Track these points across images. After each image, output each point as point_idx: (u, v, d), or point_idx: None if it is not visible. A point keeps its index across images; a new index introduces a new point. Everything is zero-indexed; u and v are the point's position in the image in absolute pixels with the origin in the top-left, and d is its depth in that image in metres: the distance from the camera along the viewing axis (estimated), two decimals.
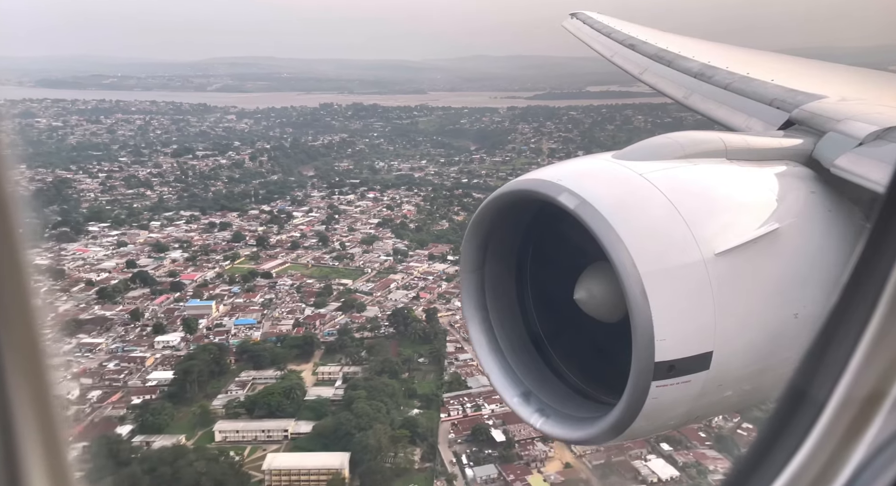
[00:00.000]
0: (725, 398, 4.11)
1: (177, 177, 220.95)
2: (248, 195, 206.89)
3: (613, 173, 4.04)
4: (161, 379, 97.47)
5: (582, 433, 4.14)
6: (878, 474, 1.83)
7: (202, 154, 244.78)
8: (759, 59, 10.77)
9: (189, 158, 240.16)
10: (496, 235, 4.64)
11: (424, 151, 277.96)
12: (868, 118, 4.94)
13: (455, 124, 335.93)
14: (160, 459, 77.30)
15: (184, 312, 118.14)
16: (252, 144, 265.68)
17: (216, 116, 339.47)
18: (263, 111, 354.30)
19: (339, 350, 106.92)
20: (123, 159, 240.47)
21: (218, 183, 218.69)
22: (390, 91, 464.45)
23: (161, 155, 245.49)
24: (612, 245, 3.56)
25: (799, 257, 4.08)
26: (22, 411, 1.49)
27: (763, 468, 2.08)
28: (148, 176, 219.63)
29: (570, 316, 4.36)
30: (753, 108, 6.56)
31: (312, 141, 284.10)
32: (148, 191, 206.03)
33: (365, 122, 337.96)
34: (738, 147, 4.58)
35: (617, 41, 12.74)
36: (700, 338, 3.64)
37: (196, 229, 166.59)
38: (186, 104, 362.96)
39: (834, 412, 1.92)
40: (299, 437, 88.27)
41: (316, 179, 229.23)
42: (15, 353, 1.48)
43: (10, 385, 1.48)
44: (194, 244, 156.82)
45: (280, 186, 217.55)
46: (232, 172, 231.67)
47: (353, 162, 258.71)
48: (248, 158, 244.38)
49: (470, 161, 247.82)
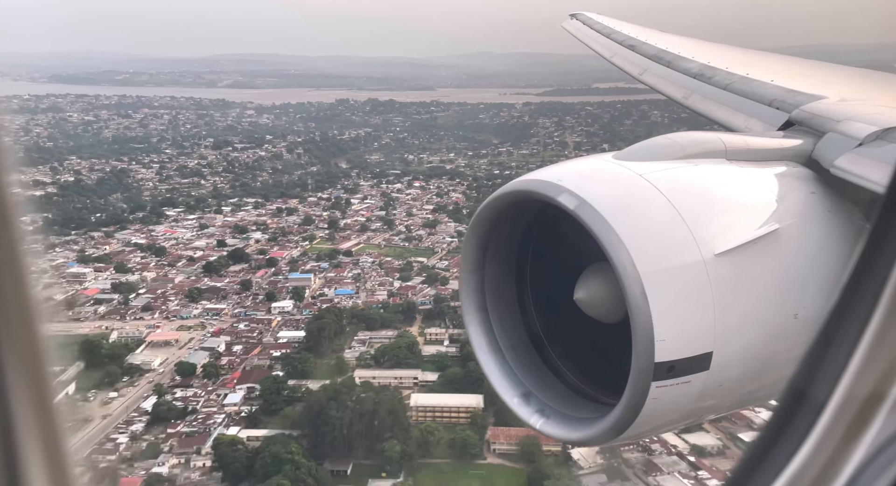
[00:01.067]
0: (725, 399, 4.04)
1: (224, 167, 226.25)
2: (298, 184, 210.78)
3: (613, 174, 3.97)
4: (290, 337, 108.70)
5: (582, 434, 4.07)
6: (879, 474, 1.81)
7: (241, 146, 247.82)
8: (759, 60, 10.74)
9: (229, 151, 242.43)
10: (496, 236, 4.53)
11: (449, 144, 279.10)
12: (868, 119, 4.82)
13: (474, 119, 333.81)
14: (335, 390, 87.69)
15: (286, 283, 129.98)
16: (283, 138, 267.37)
17: (236, 112, 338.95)
18: (281, 107, 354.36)
19: (437, 316, 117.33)
20: (168, 152, 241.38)
21: (263, 173, 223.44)
22: (399, 88, 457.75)
23: (202, 147, 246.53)
24: (612, 246, 3.49)
25: (799, 258, 4.01)
26: (22, 411, 1.47)
27: (763, 469, 2.06)
28: (197, 166, 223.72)
29: (570, 317, 4.24)
30: (753, 108, 6.52)
31: (339, 135, 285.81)
32: (202, 180, 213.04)
33: (384, 117, 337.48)
34: (738, 148, 4.48)
35: (617, 42, 12.75)
36: (700, 338, 3.57)
37: (266, 214, 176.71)
38: (206, 100, 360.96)
39: (834, 413, 1.90)
40: (427, 384, 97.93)
41: (358, 169, 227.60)
42: (15, 353, 1.46)
43: (10, 385, 1.46)
44: (270, 227, 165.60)
45: (328, 176, 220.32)
46: (274, 164, 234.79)
47: (383, 155, 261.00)
48: (286, 150, 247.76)
49: (497, 154, 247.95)
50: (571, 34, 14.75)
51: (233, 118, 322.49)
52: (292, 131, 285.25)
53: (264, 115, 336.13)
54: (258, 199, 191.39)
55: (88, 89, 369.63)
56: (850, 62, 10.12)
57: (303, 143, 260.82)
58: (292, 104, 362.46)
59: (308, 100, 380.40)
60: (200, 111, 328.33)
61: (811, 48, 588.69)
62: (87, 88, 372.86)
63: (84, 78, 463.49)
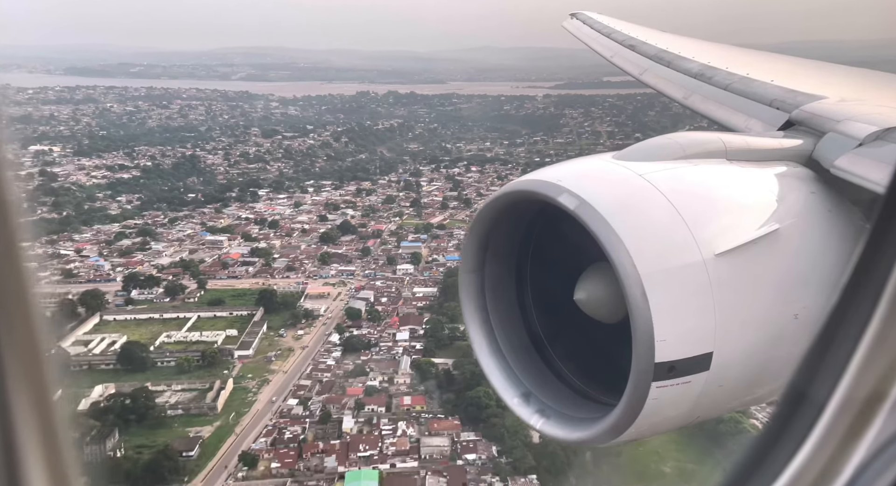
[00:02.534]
0: (726, 399, 3.90)
1: (283, 154, 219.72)
2: (359, 168, 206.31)
3: (613, 174, 3.86)
4: (424, 292, 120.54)
5: (582, 434, 3.94)
6: (879, 474, 1.82)
7: (290, 135, 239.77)
8: (759, 60, 10.87)
9: (279, 139, 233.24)
10: (496, 236, 4.37)
11: (479, 134, 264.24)
12: (868, 119, 4.57)
13: (498, 111, 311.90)
14: None
15: (398, 251, 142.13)
16: (323, 127, 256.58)
17: (262, 103, 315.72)
18: (303, 99, 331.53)
19: None
20: (222, 140, 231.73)
21: (318, 160, 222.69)
22: (410, 81, 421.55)
23: (252, 136, 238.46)
24: (612, 246, 3.41)
25: (799, 258, 3.90)
26: (22, 411, 1.47)
27: (764, 469, 2.06)
28: (258, 153, 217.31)
29: (570, 317, 4.07)
30: (753, 108, 6.41)
31: (373, 125, 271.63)
32: (266, 165, 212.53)
33: (409, 108, 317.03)
34: (738, 148, 4.33)
35: (617, 42, 12.88)
36: (700, 339, 3.48)
37: (347, 194, 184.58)
38: (231, 92, 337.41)
39: (834, 413, 1.90)
40: None
41: (408, 156, 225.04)
42: (15, 353, 1.46)
43: (11, 385, 1.46)
44: (358, 204, 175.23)
45: (382, 162, 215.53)
46: (326, 151, 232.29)
47: (420, 144, 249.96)
48: (332, 138, 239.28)
49: (533, 142, 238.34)
50: (571, 34, 14.85)
51: (262, 109, 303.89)
52: (329, 122, 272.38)
53: (290, 106, 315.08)
54: (333, 181, 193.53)
55: (107, 81, 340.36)
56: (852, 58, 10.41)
57: (343, 132, 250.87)
58: (313, 96, 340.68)
59: (325, 92, 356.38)
60: (230, 103, 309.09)
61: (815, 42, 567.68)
62: (103, 80, 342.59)
63: (99, 71, 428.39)
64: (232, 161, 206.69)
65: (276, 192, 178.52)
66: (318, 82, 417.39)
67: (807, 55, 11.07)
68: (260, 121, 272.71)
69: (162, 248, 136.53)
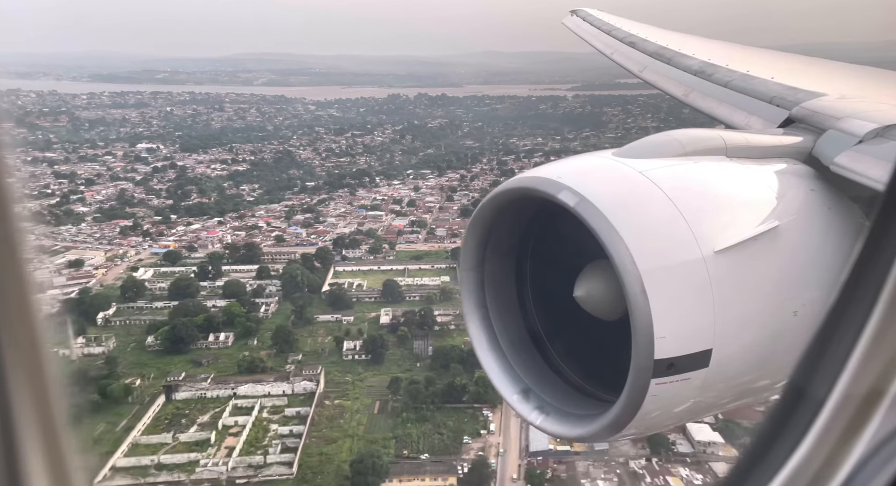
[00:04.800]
0: (725, 396, 3.95)
1: (363, 149, 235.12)
2: (444, 159, 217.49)
3: (613, 171, 3.87)
4: None
5: (581, 431, 4.00)
6: (877, 471, 1.84)
7: (358, 133, 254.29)
8: (759, 57, 10.81)
9: (348, 137, 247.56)
10: (496, 233, 4.41)
11: (524, 131, 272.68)
12: (868, 116, 4.64)
13: (535, 110, 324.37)
14: None
15: None
16: (380, 126, 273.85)
17: (299, 107, 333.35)
18: (338, 102, 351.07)
19: None
20: (295, 139, 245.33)
21: (397, 153, 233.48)
22: (427, 84, 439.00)
23: (323, 134, 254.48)
24: (612, 243, 3.43)
25: (799, 255, 3.91)
26: (22, 411, 1.50)
27: (763, 465, 2.09)
28: (340, 149, 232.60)
29: (570, 314, 4.10)
30: (753, 105, 6.41)
31: (424, 124, 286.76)
32: (354, 159, 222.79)
33: (445, 109, 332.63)
34: (738, 145, 4.35)
35: (617, 39, 12.94)
36: (700, 336, 3.51)
37: (454, 179, 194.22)
38: (269, 96, 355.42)
39: (833, 410, 1.92)
40: None
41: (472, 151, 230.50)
42: (15, 353, 1.49)
43: (11, 385, 1.48)
44: (471, 187, 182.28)
45: (457, 156, 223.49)
46: (399, 146, 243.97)
47: (474, 140, 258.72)
48: (398, 136, 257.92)
49: (585, 138, 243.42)
50: (572, 31, 15.19)
51: (304, 111, 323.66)
52: (372, 122, 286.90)
53: (327, 109, 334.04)
54: (423, 170, 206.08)
55: (133, 87, 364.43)
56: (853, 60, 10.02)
57: (403, 130, 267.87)
58: (344, 99, 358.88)
59: (347, 96, 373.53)
60: (276, 106, 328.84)
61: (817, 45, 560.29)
62: (131, 87, 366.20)
63: (125, 77, 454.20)
64: (324, 155, 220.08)
65: (389, 179, 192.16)
66: (337, 87, 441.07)
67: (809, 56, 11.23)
68: (311, 121, 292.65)
69: (334, 220, 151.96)
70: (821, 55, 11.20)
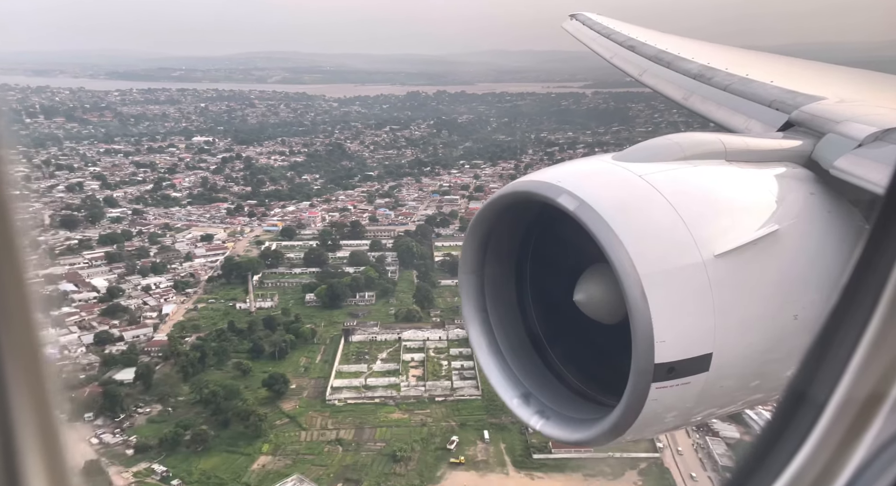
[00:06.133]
0: (725, 400, 3.88)
1: (405, 142, 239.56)
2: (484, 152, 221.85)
3: (613, 175, 3.82)
4: None
5: (581, 435, 3.93)
6: (879, 475, 1.83)
7: (396, 128, 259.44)
8: (759, 61, 10.83)
9: (387, 131, 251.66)
10: (496, 237, 4.33)
11: (552, 126, 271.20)
12: (867, 120, 4.51)
13: (557, 106, 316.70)
14: None
15: None
16: (413, 122, 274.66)
17: (323, 103, 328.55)
18: (360, 99, 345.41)
19: None
20: (338, 133, 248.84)
21: (438, 147, 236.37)
22: (438, 83, 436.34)
23: (362, 128, 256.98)
24: (612, 247, 3.40)
25: (798, 259, 3.84)
26: (22, 411, 1.50)
27: (764, 469, 2.08)
28: (385, 142, 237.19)
29: (570, 318, 4.01)
30: (753, 109, 6.38)
31: (452, 120, 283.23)
32: (400, 151, 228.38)
33: (467, 106, 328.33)
34: (738, 148, 4.28)
35: (616, 43, 13.07)
36: (700, 340, 3.46)
37: (507, 168, 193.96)
38: (292, 93, 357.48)
39: (834, 413, 1.92)
40: None
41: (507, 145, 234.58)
42: (15, 353, 1.49)
43: (11, 385, 1.48)
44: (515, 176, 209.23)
45: (499, 148, 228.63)
46: (437, 140, 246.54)
47: (505, 134, 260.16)
48: (434, 130, 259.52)
49: (616, 132, 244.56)
50: (571, 35, 15.32)
51: (333, 108, 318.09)
52: (398, 118, 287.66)
53: (351, 106, 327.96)
54: (475, 160, 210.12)
55: (150, 84, 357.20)
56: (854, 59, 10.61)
57: (437, 125, 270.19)
58: (364, 97, 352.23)
59: (371, 93, 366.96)
60: (301, 102, 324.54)
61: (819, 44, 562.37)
62: (148, 84, 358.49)
63: (143, 75, 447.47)
64: (371, 148, 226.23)
65: (445, 168, 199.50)
66: (350, 85, 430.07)
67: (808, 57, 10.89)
68: (341, 117, 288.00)
69: (414, 204, 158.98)
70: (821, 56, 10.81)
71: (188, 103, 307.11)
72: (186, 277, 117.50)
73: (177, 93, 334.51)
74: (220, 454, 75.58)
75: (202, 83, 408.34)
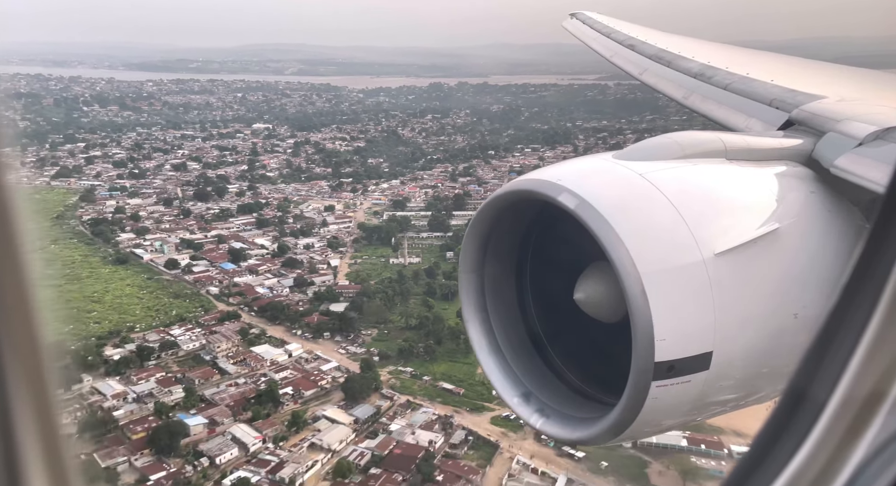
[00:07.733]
0: (725, 399, 3.83)
1: (452, 130, 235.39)
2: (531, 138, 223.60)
3: (613, 173, 3.77)
4: None
5: (582, 434, 3.92)
6: (879, 474, 1.84)
7: (437, 116, 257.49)
8: (759, 60, 10.74)
9: (429, 119, 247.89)
10: (496, 236, 4.19)
11: (583, 115, 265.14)
12: (867, 118, 4.40)
13: (583, 97, 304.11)
14: None
15: None
16: (451, 111, 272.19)
17: (350, 94, 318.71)
18: (384, 90, 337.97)
19: None
20: (385, 121, 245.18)
21: (485, 134, 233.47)
22: (452, 74, 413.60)
23: (406, 117, 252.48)
24: (612, 245, 3.40)
25: (799, 258, 3.81)
26: (22, 411, 1.53)
27: (763, 468, 2.17)
28: (433, 129, 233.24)
29: (570, 316, 3.93)
30: (753, 108, 6.36)
31: (486, 109, 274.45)
32: (451, 138, 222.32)
33: (493, 96, 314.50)
34: (738, 147, 4.21)
35: (617, 41, 13.21)
36: (700, 338, 3.47)
37: (559, 153, 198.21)
38: (318, 84, 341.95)
39: (834, 412, 1.99)
40: None
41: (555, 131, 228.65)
42: (15, 353, 1.51)
43: (11, 385, 1.51)
44: None
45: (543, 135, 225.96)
46: (480, 128, 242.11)
47: (543, 122, 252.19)
48: (473, 118, 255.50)
49: (652, 120, 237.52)
50: (571, 33, 15.54)
51: (363, 99, 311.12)
52: (429, 108, 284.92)
53: (378, 96, 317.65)
54: (541, 145, 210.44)
55: (171, 75, 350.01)
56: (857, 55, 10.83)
57: (473, 114, 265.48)
58: (387, 88, 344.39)
59: (392, 85, 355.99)
60: (331, 93, 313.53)
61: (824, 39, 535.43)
62: (171, 75, 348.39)
63: (161, 66, 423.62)
64: (423, 135, 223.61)
65: (507, 152, 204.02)
66: (365, 77, 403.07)
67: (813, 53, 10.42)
68: (374, 106, 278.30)
69: (496, 182, 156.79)
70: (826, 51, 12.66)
71: (222, 93, 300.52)
72: (331, 239, 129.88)
73: (208, 83, 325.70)
74: (445, 362, 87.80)
75: (219, 74, 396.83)
